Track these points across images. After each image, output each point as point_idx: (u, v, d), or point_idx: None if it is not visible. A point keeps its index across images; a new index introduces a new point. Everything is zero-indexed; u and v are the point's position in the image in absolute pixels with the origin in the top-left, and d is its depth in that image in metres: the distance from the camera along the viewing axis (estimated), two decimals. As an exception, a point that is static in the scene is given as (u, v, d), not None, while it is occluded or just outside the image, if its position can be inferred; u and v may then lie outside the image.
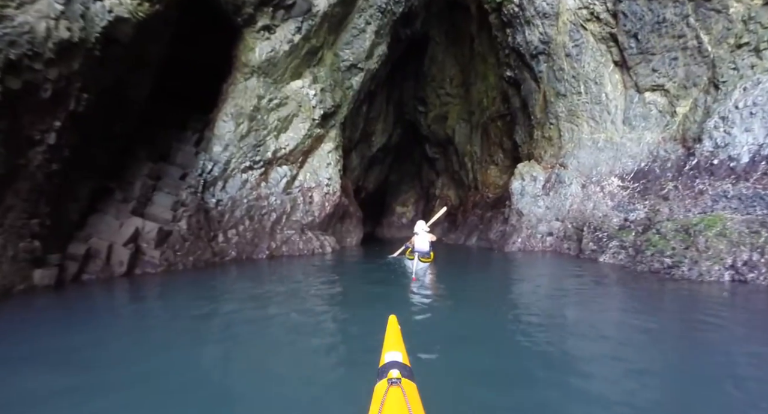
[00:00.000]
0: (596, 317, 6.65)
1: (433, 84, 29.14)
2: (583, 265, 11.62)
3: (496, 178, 23.22)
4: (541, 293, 8.82)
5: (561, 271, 11.38)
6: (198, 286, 9.64)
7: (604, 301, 7.91)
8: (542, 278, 10.68)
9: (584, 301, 7.84)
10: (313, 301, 7.85)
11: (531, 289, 9.38)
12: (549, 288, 9.36)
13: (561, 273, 11.10)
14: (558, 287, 9.33)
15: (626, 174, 14.41)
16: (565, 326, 6.01)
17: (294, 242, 14.43)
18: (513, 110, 20.69)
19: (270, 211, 14.50)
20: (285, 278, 11.13)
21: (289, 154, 15.60)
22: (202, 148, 14.00)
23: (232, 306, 7.43)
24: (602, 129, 15.53)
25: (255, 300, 7.74)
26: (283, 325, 5.93)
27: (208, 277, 10.65)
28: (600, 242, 11.91)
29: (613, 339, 5.39)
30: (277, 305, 7.35)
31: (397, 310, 4.05)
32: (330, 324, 6.21)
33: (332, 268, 13.14)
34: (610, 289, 9.03)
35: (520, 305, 7.78)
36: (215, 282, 10.30)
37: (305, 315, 6.52)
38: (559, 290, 8.96)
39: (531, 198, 15.75)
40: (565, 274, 10.82)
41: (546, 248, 13.89)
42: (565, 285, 9.46)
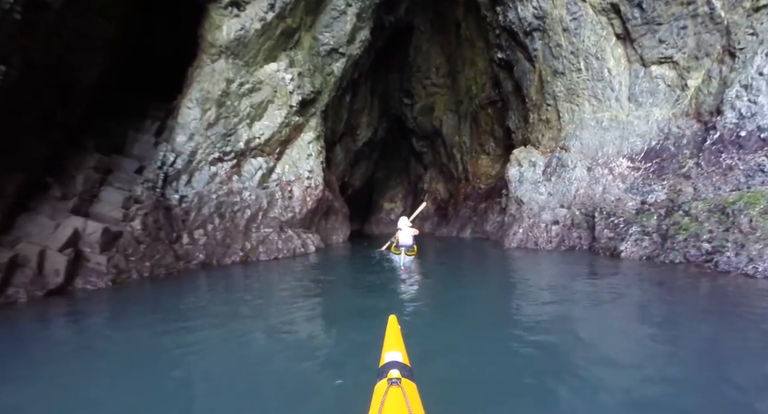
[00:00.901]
0: (634, 333, 4.94)
1: (418, 74, 27.38)
2: (603, 262, 9.89)
3: (487, 168, 21.51)
4: (563, 299, 6.93)
5: (579, 270, 9.62)
6: (156, 302, 7.71)
7: (648, 307, 6.09)
8: (559, 278, 8.88)
9: (612, 308, 6.05)
10: (301, 310, 6.61)
11: (547, 295, 7.28)
12: (568, 292, 7.42)
13: (580, 272, 9.33)
14: (580, 291, 7.18)
15: (636, 154, 12.76)
16: (585, 343, 4.58)
17: (272, 242, 12.50)
18: (504, 95, 18.98)
19: (243, 208, 12.56)
20: (264, 284, 9.31)
21: (265, 144, 13.68)
22: (164, 138, 12.03)
23: (203, 322, 6.01)
24: (606, 107, 13.86)
25: (230, 313, 6.47)
26: (273, 335, 5.27)
27: (169, 288, 8.69)
28: (617, 229, 10.20)
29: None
30: (259, 315, 6.41)
31: (393, 312, 3.54)
32: (323, 328, 5.66)
33: (317, 269, 11.29)
34: (647, 293, 7.15)
35: (536, 313, 6.02)
36: (180, 294, 8.28)
37: (292, 325, 5.72)
38: (583, 295, 6.94)
39: (531, 184, 14.02)
40: (583, 273, 9.05)
41: (552, 238, 12.15)
42: (589, 288, 7.49)
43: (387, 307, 5.94)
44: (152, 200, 10.43)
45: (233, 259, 11.64)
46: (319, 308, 6.78)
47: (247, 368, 4.04)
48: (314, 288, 8.49)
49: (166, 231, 10.59)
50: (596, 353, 4.17)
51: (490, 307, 6.46)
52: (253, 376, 3.79)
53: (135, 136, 11.70)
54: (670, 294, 6.58)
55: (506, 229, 14.12)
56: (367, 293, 7.87)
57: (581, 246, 11.07)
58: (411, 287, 8.21)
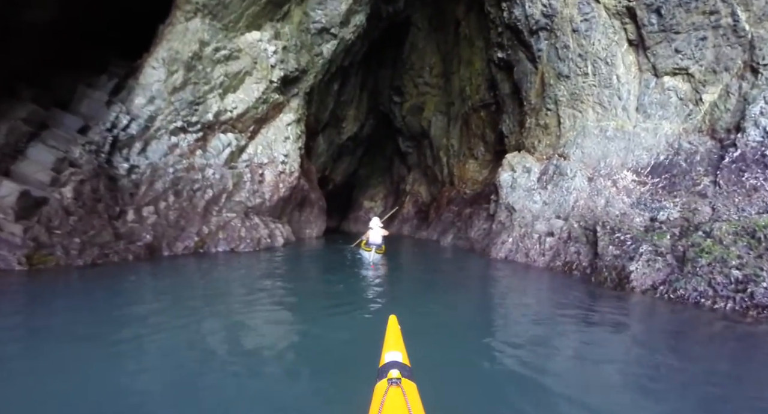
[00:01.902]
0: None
1: (411, 72, 25.90)
2: (606, 292, 8.41)
3: (474, 173, 20.09)
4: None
5: (576, 299, 8.14)
6: (78, 300, 5.90)
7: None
8: (551, 307, 7.33)
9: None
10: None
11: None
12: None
13: (577, 302, 7.81)
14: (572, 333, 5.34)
15: (641, 168, 11.47)
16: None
17: (234, 228, 10.73)
18: (500, 97, 17.60)
19: (205, 187, 10.76)
20: (222, 285, 7.61)
21: (237, 119, 11.91)
22: (120, 98, 10.17)
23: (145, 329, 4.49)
24: (611, 116, 12.57)
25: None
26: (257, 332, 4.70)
27: (99, 281, 6.86)
28: (623, 246, 8.82)
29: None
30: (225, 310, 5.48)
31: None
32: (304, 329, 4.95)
33: (282, 267, 9.58)
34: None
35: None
36: (115, 290, 6.40)
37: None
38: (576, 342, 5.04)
39: (524, 192, 12.60)
40: (581, 305, 7.51)
41: (545, 250, 10.72)
42: (586, 331, 5.52)
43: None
44: (92, 166, 8.58)
45: (186, 245, 9.83)
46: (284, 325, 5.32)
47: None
48: (277, 295, 6.87)
49: (106, 203, 8.76)
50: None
51: (466, 334, 5.16)
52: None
53: (85, 91, 9.81)
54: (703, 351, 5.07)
55: (493, 238, 12.65)
56: (332, 309, 6.15)
57: (579, 262, 9.68)
58: (380, 299, 7.01)
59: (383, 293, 7.50)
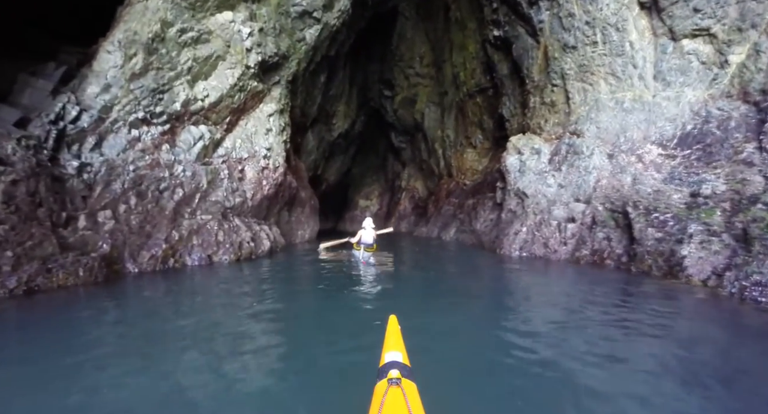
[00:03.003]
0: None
1: (401, 64, 24.34)
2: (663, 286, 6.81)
3: (473, 163, 18.53)
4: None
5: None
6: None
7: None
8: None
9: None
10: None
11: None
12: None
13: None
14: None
15: (666, 140, 9.95)
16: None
17: (209, 232, 9.09)
18: (498, 80, 16.07)
19: (174, 186, 9.12)
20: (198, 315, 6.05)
21: (210, 109, 10.29)
22: (71, 88, 8.55)
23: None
24: (627, 86, 11.04)
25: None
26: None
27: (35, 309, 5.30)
28: (666, 227, 7.29)
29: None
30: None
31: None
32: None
33: (272, 275, 7.99)
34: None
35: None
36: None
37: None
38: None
39: (536, 175, 11.04)
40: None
41: (566, 239, 9.17)
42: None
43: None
44: (29, 164, 6.93)
45: (153, 254, 8.19)
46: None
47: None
48: (271, 300, 6.05)
49: (49, 208, 7.11)
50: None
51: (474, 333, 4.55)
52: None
53: (27, 80, 8.17)
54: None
55: (503, 228, 11.08)
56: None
57: (612, 250, 8.11)
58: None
59: (385, 297, 6.40)
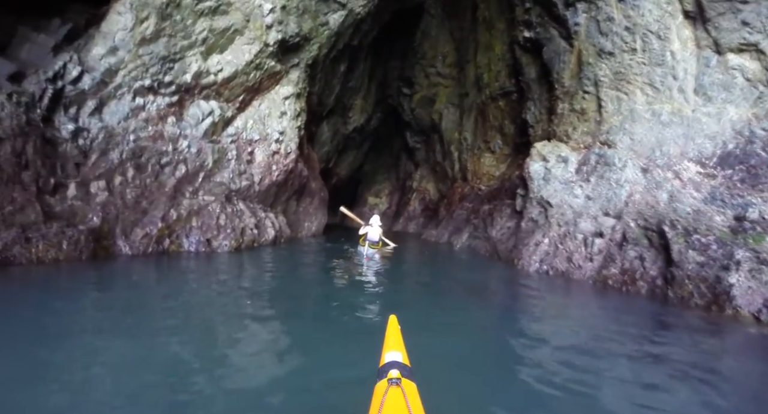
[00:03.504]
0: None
1: (422, 62, 23.58)
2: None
3: (490, 168, 17.75)
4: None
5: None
6: None
7: None
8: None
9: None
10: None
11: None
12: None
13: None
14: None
15: (705, 158, 9.15)
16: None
17: (210, 215, 8.39)
18: (524, 83, 15.28)
19: (176, 162, 8.43)
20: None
21: (223, 84, 9.59)
22: (74, 47, 7.89)
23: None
24: (665, 98, 10.23)
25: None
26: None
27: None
28: (708, 251, 6.53)
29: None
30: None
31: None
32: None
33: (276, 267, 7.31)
34: None
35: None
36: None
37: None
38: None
39: (561, 184, 10.26)
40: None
41: (592, 255, 8.40)
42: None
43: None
44: (17, 121, 6.26)
45: (147, 232, 7.50)
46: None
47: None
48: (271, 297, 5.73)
49: (36, 172, 6.44)
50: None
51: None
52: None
53: (28, 34, 7.53)
54: None
55: (523, 238, 10.30)
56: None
57: (644, 271, 7.32)
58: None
59: (387, 301, 6.06)
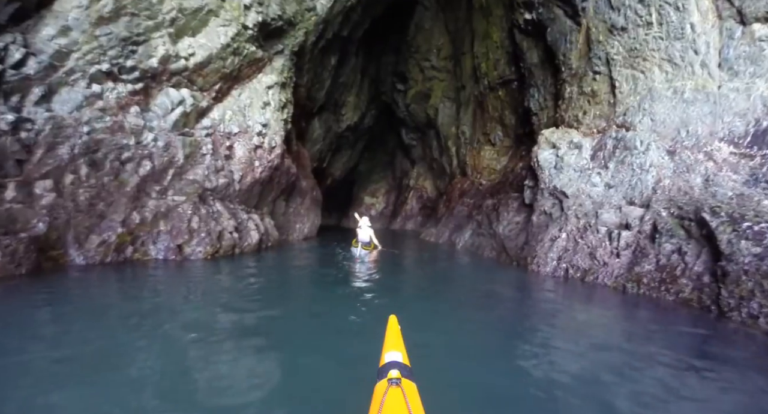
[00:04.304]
0: None
1: (416, 56, 22.45)
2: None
3: (491, 161, 16.59)
4: None
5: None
6: None
7: None
8: None
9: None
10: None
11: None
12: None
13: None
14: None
15: (738, 137, 8.01)
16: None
17: (181, 217, 7.18)
18: (525, 70, 14.15)
19: (140, 158, 7.22)
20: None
21: (195, 70, 8.41)
22: (21, 28, 6.70)
23: None
24: (687, 75, 9.10)
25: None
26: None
27: None
28: (764, 241, 5.41)
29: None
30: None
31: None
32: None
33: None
34: None
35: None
36: None
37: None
38: None
39: (576, 172, 9.12)
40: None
41: (619, 249, 7.26)
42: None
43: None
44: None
45: (105, 239, 6.30)
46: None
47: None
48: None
49: (-40, 172, 5.26)
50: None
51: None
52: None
53: (-40, 15, 6.34)
54: None
55: (536, 233, 9.13)
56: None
57: (686, 266, 6.16)
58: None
59: (383, 307, 5.07)
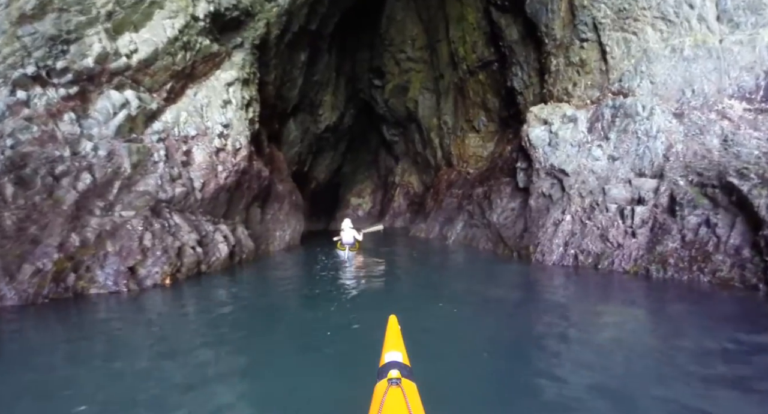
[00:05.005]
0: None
1: (391, 49, 21.47)
2: None
3: (477, 149, 15.68)
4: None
5: None
6: None
7: None
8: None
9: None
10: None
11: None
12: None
13: None
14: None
15: (749, 92, 7.17)
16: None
17: (131, 235, 6.09)
18: (505, 48, 13.23)
19: (78, 171, 6.11)
20: None
21: (140, 69, 7.31)
22: None
23: None
24: (684, 31, 8.23)
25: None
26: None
27: None
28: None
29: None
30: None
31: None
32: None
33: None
34: None
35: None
36: None
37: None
38: None
39: (574, 147, 8.20)
40: None
41: (634, 227, 6.32)
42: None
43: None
44: None
45: (40, 267, 5.23)
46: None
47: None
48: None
49: None
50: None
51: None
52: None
53: None
54: None
55: (536, 218, 8.19)
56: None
57: (719, 240, 5.19)
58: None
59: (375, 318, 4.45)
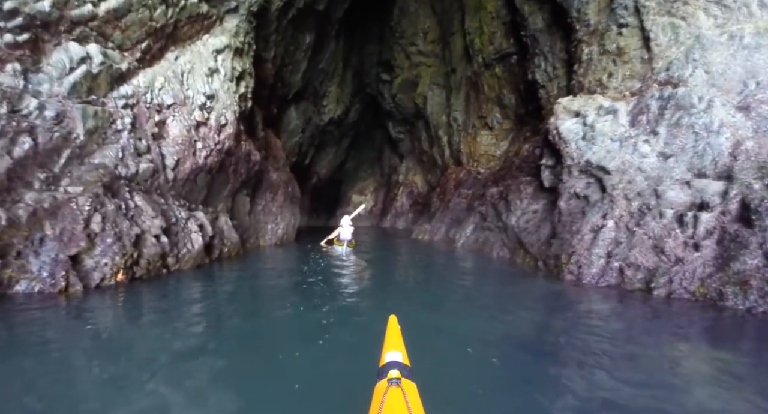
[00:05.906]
0: None
1: (401, 42, 20.26)
2: None
3: (489, 147, 14.44)
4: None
5: None
6: None
7: None
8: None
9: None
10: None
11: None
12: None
13: None
14: None
15: (828, 87, 5.96)
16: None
17: (75, 216, 4.85)
18: (528, 38, 11.99)
19: (15, 133, 4.82)
20: None
21: (109, 22, 6.06)
22: None
23: None
24: (742, 17, 7.01)
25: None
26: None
27: None
28: None
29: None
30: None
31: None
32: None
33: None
34: None
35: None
36: None
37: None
38: None
39: (615, 142, 6.95)
40: None
41: (697, 238, 5.08)
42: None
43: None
44: None
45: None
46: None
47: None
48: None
49: None
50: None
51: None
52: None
53: None
54: None
55: (567, 224, 6.92)
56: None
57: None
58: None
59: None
